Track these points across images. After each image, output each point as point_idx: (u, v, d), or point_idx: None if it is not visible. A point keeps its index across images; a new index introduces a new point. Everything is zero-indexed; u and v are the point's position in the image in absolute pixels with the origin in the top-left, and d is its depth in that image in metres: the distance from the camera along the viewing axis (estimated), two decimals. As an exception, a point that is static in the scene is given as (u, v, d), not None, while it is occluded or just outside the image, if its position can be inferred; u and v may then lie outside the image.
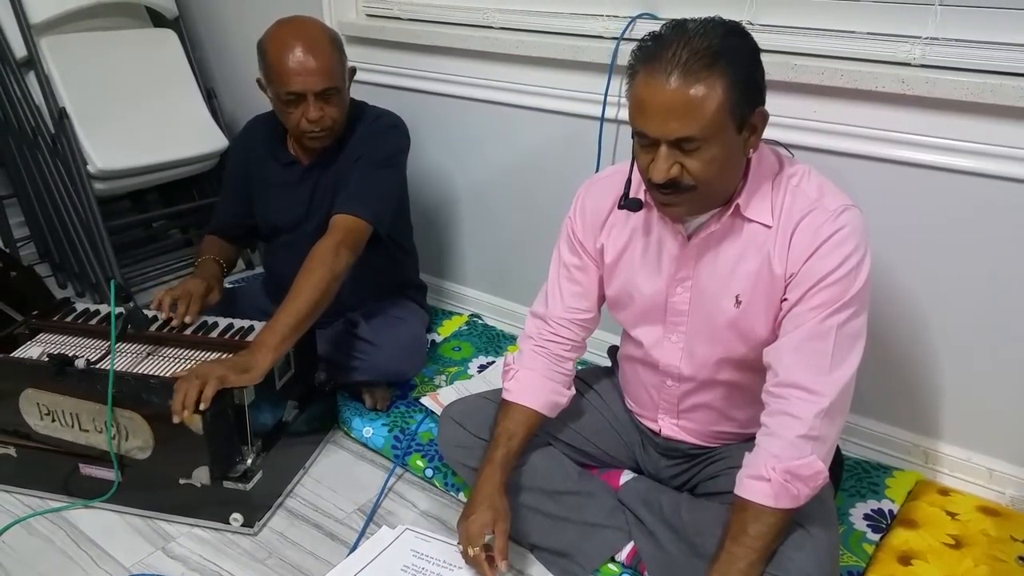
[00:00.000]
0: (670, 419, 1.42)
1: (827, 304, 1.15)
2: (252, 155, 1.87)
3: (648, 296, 1.32)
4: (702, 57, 1.06)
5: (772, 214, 1.19)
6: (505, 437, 1.36)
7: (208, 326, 1.67)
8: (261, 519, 1.53)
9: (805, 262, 1.16)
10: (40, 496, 1.59)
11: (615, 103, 1.79)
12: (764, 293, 1.21)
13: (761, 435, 1.18)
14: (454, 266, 2.34)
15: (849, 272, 1.14)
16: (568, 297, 1.40)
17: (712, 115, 1.08)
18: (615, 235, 1.34)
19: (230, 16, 2.56)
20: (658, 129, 1.10)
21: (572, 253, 1.40)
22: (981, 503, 1.53)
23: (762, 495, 1.14)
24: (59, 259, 2.53)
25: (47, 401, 1.50)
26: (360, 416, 1.80)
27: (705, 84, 1.06)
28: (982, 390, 1.54)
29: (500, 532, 1.29)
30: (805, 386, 1.14)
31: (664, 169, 1.12)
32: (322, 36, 1.67)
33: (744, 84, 1.09)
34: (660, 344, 1.34)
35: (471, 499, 1.33)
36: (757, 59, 1.13)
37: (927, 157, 1.45)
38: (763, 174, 1.21)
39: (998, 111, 1.35)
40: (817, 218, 1.16)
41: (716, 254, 1.25)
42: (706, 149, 1.10)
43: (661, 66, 1.08)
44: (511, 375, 1.41)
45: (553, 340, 1.41)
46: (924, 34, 1.43)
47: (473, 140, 2.12)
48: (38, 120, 2.28)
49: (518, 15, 1.95)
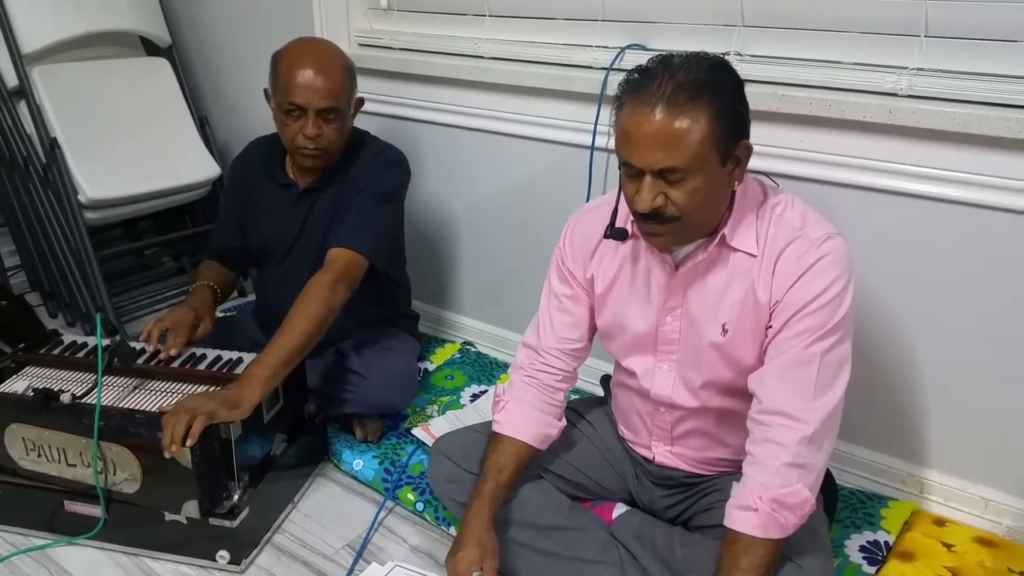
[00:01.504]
0: (664, 446, 1.41)
1: (811, 331, 1.15)
2: (250, 174, 1.87)
3: (638, 326, 1.32)
4: (687, 89, 1.09)
5: (757, 243, 1.21)
6: (495, 471, 1.35)
7: (196, 358, 1.66)
8: (248, 556, 1.51)
9: (789, 289, 1.17)
10: (23, 533, 1.57)
11: (605, 132, 1.79)
12: (749, 321, 1.22)
13: (747, 464, 1.18)
14: (447, 294, 2.33)
15: (832, 299, 1.15)
16: (559, 327, 1.40)
17: (696, 146, 1.09)
18: (605, 265, 1.34)
19: (223, 45, 2.57)
20: (643, 159, 1.12)
21: (562, 283, 1.40)
22: (977, 534, 1.51)
23: (750, 526, 1.14)
24: (49, 288, 2.51)
25: (33, 436, 1.49)
26: (350, 448, 1.79)
27: (689, 116, 1.08)
28: (977, 419, 1.53)
29: (489, 569, 1.27)
30: (788, 413, 1.15)
31: (648, 199, 1.13)
32: (336, 59, 1.70)
33: (728, 117, 1.11)
34: (652, 373, 1.34)
35: (459, 535, 1.31)
36: (741, 93, 1.15)
37: (914, 186, 1.45)
38: (748, 204, 1.22)
39: (984, 141, 1.35)
40: (800, 246, 1.18)
41: (704, 283, 1.25)
42: (690, 180, 1.12)
43: (647, 98, 1.10)
44: (501, 406, 1.40)
45: (544, 370, 1.40)
46: (910, 65, 1.44)
47: (465, 168, 2.13)
48: (29, 150, 2.27)
49: (509, 45, 1.96)
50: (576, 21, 1.87)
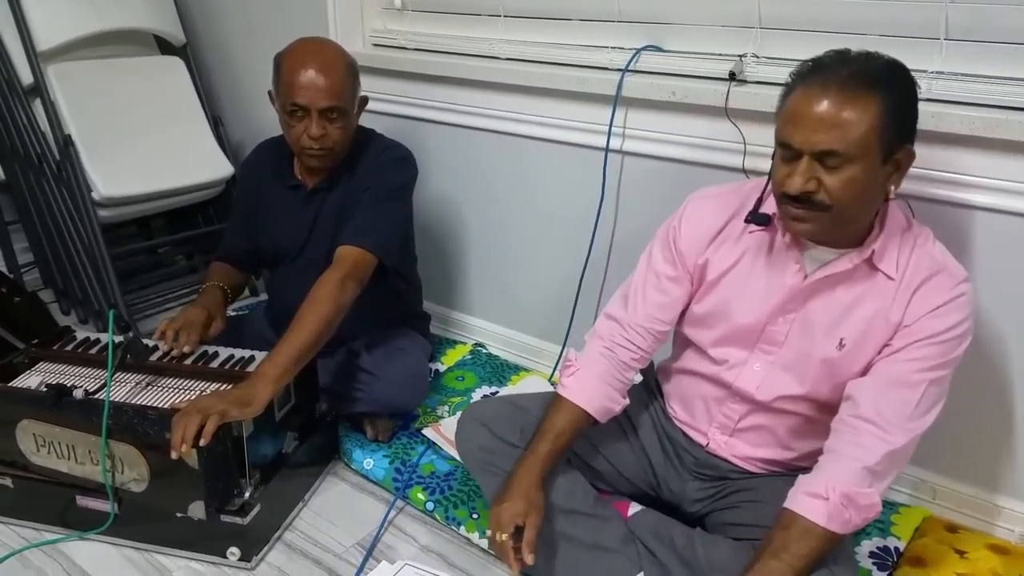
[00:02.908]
0: (722, 435, 1.39)
1: (928, 359, 1.17)
2: (259, 176, 1.88)
3: (746, 319, 1.30)
4: (863, 76, 1.09)
5: (897, 268, 1.21)
6: (553, 434, 1.34)
7: (208, 356, 1.66)
8: (259, 553, 1.51)
9: (922, 317, 1.18)
10: (35, 528, 1.57)
11: (620, 133, 1.79)
12: (873, 341, 1.22)
13: (825, 459, 1.19)
14: (458, 294, 2.33)
15: (957, 336, 1.17)
16: (652, 306, 1.37)
17: (861, 134, 1.08)
18: (723, 252, 1.32)
19: (237, 44, 2.58)
20: (805, 140, 1.11)
21: (667, 263, 1.37)
22: (990, 541, 1.50)
23: (816, 513, 1.14)
24: (63, 285, 2.52)
25: (43, 432, 1.49)
26: (361, 447, 1.78)
27: (861, 103, 1.08)
28: (991, 426, 1.52)
29: (531, 525, 1.25)
30: (882, 424, 1.16)
31: (801, 180, 1.12)
32: (338, 58, 1.70)
33: (898, 115, 1.11)
34: (741, 367, 1.33)
35: (507, 485, 1.30)
36: (915, 96, 1.15)
37: (933, 191, 1.44)
38: (895, 227, 1.22)
39: (1004, 145, 1.35)
40: (944, 280, 1.19)
41: (831, 294, 1.24)
42: (848, 168, 1.10)
43: (820, 80, 1.10)
44: (571, 371, 1.39)
45: (623, 346, 1.38)
46: (930, 68, 1.43)
47: (478, 169, 2.13)
48: (43, 147, 2.28)
49: (524, 46, 1.96)
50: (592, 22, 1.86)
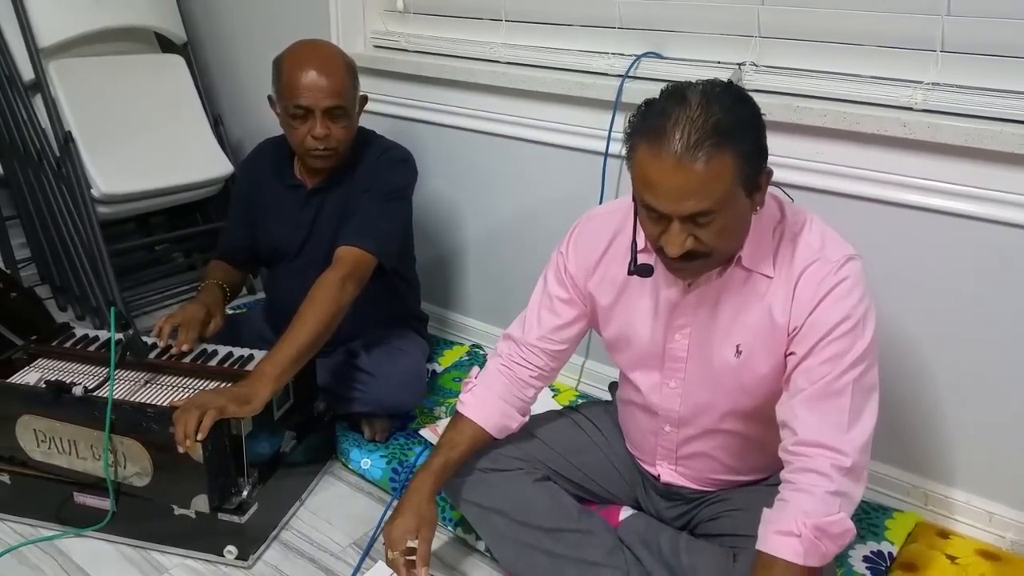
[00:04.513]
0: (668, 465, 1.41)
1: (838, 357, 1.13)
2: (258, 175, 1.88)
3: (645, 341, 1.31)
4: (711, 136, 1.04)
5: (773, 265, 1.19)
6: (447, 447, 1.37)
7: (207, 354, 1.67)
8: (255, 552, 1.52)
9: (809, 315, 1.15)
10: (32, 524, 1.58)
11: (619, 139, 1.80)
12: (764, 344, 1.21)
13: (786, 490, 1.14)
14: (456, 296, 2.34)
15: (856, 324, 1.14)
16: (545, 327, 1.40)
17: (726, 188, 1.07)
18: (612, 274, 1.33)
19: (239, 43, 2.59)
20: (672, 208, 1.09)
21: (560, 285, 1.39)
22: (981, 547, 1.52)
23: (791, 552, 1.10)
24: (60, 281, 2.52)
25: (44, 427, 1.49)
26: (358, 447, 1.79)
27: (716, 163, 1.05)
28: (983, 432, 1.53)
29: (423, 539, 1.30)
30: (826, 444, 1.12)
31: (679, 243, 1.10)
32: (337, 58, 1.71)
33: (752, 154, 1.09)
34: (658, 389, 1.34)
35: (399, 503, 1.34)
36: (760, 124, 1.12)
37: (928, 201, 1.46)
38: (764, 224, 1.20)
39: (998, 157, 1.36)
40: (820, 269, 1.16)
41: (716, 303, 1.24)
42: (720, 219, 1.09)
43: (668, 145, 1.05)
44: (469, 388, 1.42)
45: (521, 364, 1.41)
46: (926, 79, 1.45)
47: (478, 172, 2.14)
48: (43, 143, 2.28)
49: (525, 50, 1.97)
50: (592, 28, 1.88)
